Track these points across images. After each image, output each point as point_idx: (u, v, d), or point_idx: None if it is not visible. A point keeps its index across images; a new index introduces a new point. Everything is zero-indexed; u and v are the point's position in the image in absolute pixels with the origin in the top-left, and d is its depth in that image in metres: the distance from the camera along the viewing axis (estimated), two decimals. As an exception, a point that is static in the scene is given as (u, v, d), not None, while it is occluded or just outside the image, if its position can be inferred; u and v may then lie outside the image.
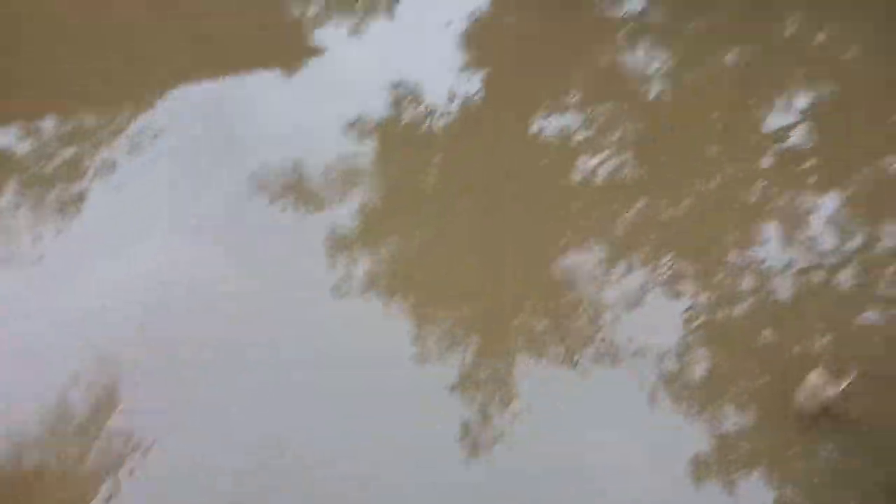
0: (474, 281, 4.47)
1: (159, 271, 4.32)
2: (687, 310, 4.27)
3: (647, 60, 5.93)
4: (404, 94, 5.96)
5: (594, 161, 5.16)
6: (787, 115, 5.41)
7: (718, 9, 6.30)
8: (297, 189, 5.03)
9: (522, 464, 3.61)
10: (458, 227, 4.81)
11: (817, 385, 3.62)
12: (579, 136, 5.39)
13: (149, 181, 4.89)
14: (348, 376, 3.88)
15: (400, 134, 5.74)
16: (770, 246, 4.55)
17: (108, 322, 4.07)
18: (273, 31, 6.68)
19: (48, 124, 5.23)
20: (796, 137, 5.23)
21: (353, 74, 6.14)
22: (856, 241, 4.59)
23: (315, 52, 6.56)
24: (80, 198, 4.78)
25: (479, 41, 6.28)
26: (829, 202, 4.80)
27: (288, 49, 6.50)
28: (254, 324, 4.13)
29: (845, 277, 4.38)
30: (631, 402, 3.84)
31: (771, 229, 4.66)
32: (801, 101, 5.55)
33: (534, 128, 5.50)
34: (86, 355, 3.87)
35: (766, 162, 5.11)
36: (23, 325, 4.04)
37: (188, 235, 4.59)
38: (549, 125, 5.51)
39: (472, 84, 5.91)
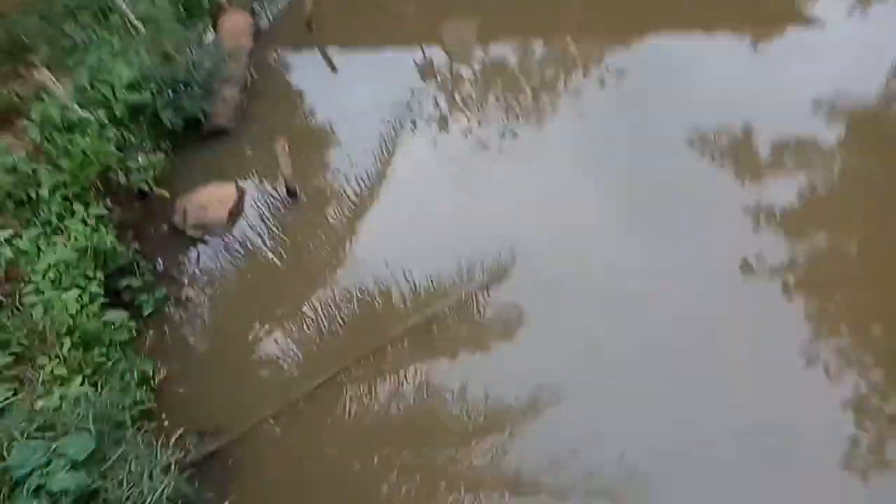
0: None
1: (563, 194, 4.58)
2: None
3: None
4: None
5: None
6: None
7: None
8: (732, 156, 4.75)
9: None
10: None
11: None
12: None
13: (601, 114, 5.16)
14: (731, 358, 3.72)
15: (884, 129, 4.89)
16: None
17: (513, 221, 4.45)
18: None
19: (537, 48, 5.88)
20: None
21: (843, 53, 5.37)
22: None
23: (803, 21, 5.86)
24: (546, 111, 5.29)
25: None
26: None
27: (773, 15, 5.96)
28: (637, 283, 4.09)
29: None
30: None
31: None
32: None
33: None
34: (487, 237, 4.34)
35: None
36: (449, 200, 4.66)
37: (612, 172, 4.73)
38: None
39: None
